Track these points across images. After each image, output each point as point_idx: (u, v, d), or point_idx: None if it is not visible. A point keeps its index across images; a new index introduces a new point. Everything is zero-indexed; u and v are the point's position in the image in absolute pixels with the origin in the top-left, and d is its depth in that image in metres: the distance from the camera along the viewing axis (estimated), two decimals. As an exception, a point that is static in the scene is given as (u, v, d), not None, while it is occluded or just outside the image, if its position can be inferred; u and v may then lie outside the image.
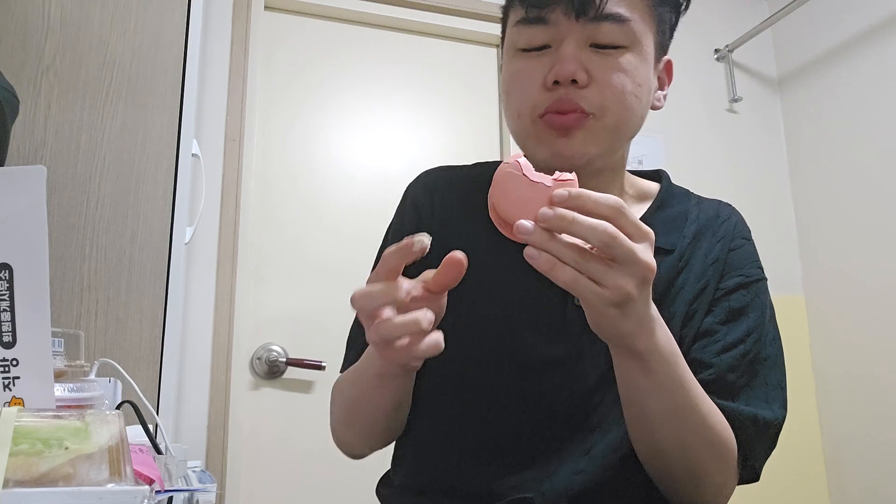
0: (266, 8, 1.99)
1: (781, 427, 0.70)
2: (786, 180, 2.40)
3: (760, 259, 0.77)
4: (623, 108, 0.68)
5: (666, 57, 0.75)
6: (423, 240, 0.53)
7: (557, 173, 0.53)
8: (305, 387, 1.83)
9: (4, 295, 0.50)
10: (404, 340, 0.54)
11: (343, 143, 1.99)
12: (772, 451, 0.71)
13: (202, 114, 1.76)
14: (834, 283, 2.20)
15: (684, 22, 0.76)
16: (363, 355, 0.69)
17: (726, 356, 0.69)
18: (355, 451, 0.78)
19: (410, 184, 0.84)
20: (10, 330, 0.50)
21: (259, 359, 1.80)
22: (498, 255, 0.68)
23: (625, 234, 0.51)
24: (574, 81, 0.66)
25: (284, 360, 1.80)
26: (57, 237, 1.23)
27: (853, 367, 2.10)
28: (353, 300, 0.55)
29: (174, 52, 1.38)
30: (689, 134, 2.31)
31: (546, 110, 0.68)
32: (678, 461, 0.64)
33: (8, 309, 0.50)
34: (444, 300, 0.60)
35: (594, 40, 0.67)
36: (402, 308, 0.54)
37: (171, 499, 0.69)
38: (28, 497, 0.40)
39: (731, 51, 2.39)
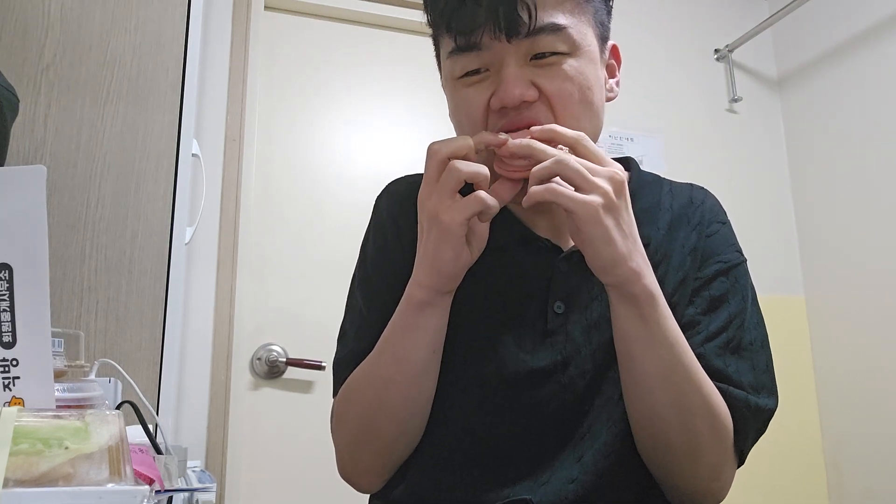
0: (266, 8, 1.99)
1: (773, 413, 0.69)
2: (786, 180, 2.40)
3: (739, 242, 0.76)
4: (574, 121, 0.66)
5: (610, 42, 0.73)
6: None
7: None
8: (305, 387, 1.83)
9: (4, 295, 0.50)
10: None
11: (343, 142, 1.99)
12: (761, 435, 0.70)
13: (202, 114, 1.76)
14: (834, 283, 2.20)
15: (684, 22, 0.76)
16: (387, 326, 0.68)
17: (710, 345, 0.68)
18: (375, 469, 0.72)
19: (380, 197, 0.82)
20: (10, 330, 0.50)
21: (259, 359, 1.80)
22: (477, 269, 0.66)
23: (586, 159, 0.59)
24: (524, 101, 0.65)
25: (284, 360, 1.79)
26: (57, 237, 1.23)
27: (853, 367, 2.10)
28: (430, 146, 0.62)
29: (174, 52, 1.38)
30: (689, 134, 2.31)
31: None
32: (675, 429, 0.63)
33: (8, 309, 0.50)
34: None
35: (534, 53, 0.65)
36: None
37: (171, 499, 0.69)
38: (28, 497, 0.40)
39: (731, 51, 2.39)
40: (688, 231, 0.74)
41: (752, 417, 0.67)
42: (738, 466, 0.70)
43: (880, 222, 2.04)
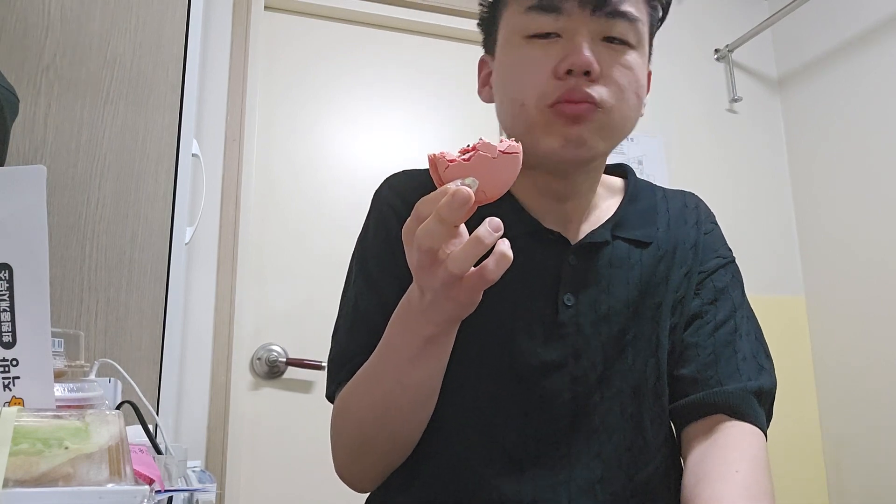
0: (266, 8, 1.99)
1: (775, 391, 0.73)
2: (786, 180, 2.39)
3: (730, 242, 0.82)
4: (627, 107, 0.69)
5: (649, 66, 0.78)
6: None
7: (506, 143, 0.51)
8: (305, 387, 1.83)
9: (4, 295, 0.50)
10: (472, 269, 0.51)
11: (343, 142, 1.99)
12: (772, 409, 0.74)
13: (202, 114, 1.76)
14: (834, 282, 2.19)
15: (684, 22, 0.78)
16: (384, 344, 0.64)
17: (720, 334, 0.73)
18: (372, 477, 0.72)
19: (381, 189, 0.81)
20: (10, 330, 0.50)
21: (259, 359, 1.80)
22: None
23: None
24: (587, 73, 0.66)
25: (284, 360, 1.79)
26: (57, 237, 1.23)
27: (853, 367, 2.10)
28: (415, 237, 0.51)
29: (174, 52, 1.38)
30: (689, 134, 2.31)
31: (556, 100, 0.66)
32: None
33: (8, 309, 0.50)
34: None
35: (607, 34, 0.68)
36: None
37: (171, 499, 0.69)
38: (28, 497, 0.40)
39: (731, 51, 2.39)
40: (686, 229, 0.78)
41: (759, 404, 0.71)
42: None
43: (880, 222, 2.03)
